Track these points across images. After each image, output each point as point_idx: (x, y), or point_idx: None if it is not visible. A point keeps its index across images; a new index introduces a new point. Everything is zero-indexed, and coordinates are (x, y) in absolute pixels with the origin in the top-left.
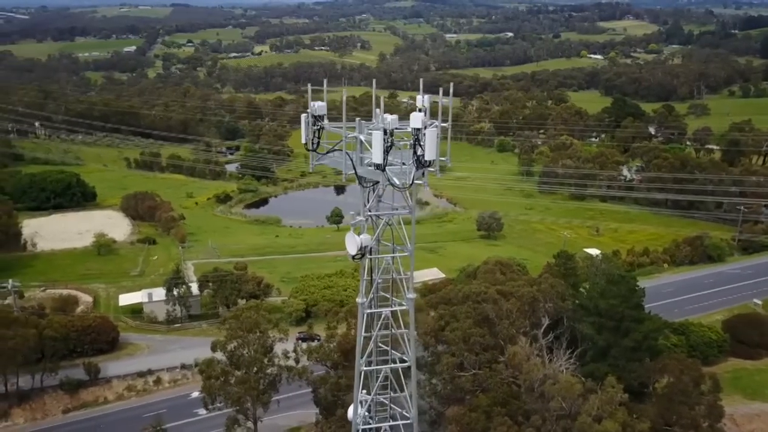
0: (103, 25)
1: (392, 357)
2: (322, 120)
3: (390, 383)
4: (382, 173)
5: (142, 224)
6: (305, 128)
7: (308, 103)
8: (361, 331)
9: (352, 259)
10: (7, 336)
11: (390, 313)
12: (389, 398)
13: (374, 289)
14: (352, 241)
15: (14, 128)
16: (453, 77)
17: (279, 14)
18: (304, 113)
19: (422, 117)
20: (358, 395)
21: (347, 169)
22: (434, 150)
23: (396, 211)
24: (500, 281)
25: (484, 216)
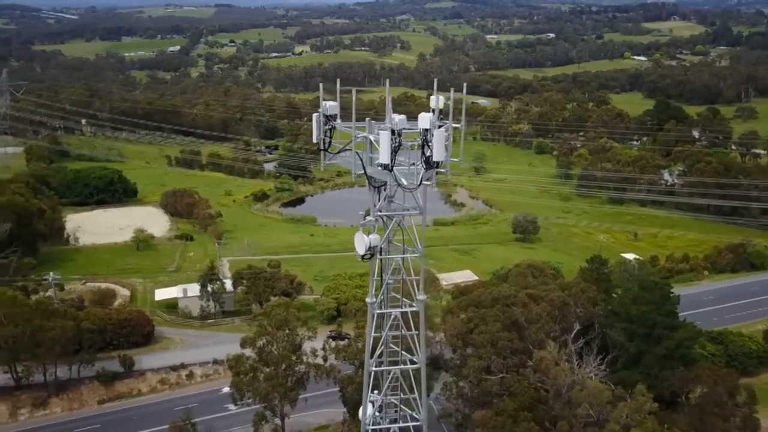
0: (149, 25)
1: (403, 358)
2: (334, 120)
3: (400, 385)
4: (390, 173)
5: (180, 221)
6: (316, 128)
7: (321, 102)
8: (371, 332)
9: (361, 259)
10: (46, 327)
11: (400, 314)
12: (399, 399)
13: (384, 289)
14: (361, 241)
15: (62, 125)
16: (492, 78)
17: (320, 15)
18: (316, 113)
19: (431, 117)
20: (367, 395)
21: (357, 169)
22: (443, 151)
23: (406, 212)
24: (531, 285)
25: (519, 218)
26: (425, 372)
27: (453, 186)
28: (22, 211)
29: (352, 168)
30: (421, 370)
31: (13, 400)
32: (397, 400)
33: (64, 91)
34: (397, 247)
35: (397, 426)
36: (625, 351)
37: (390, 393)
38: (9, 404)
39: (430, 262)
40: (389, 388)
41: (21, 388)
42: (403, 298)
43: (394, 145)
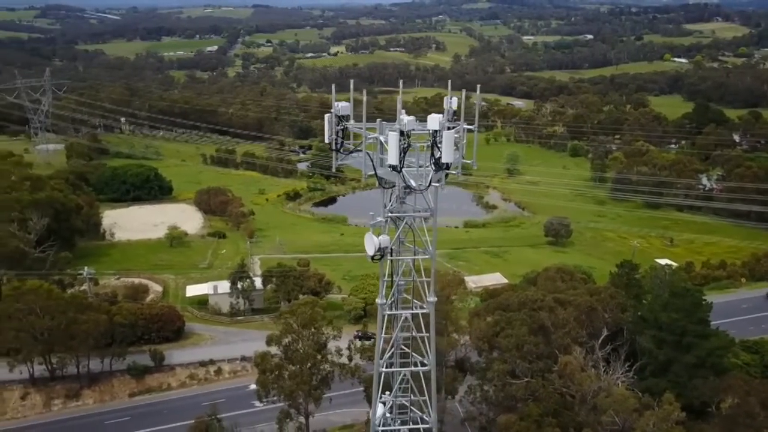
0: (188, 26)
1: (414, 360)
2: (346, 120)
3: (411, 386)
4: (398, 175)
5: (213, 218)
6: (328, 128)
7: (333, 103)
8: (381, 332)
9: (371, 259)
10: (80, 320)
11: (411, 315)
12: (410, 401)
13: (395, 290)
14: (370, 242)
15: (102, 124)
16: (528, 80)
17: (356, 15)
18: (328, 113)
19: (440, 119)
20: (377, 396)
21: (367, 170)
22: (452, 152)
23: (417, 213)
24: (560, 289)
25: (552, 222)
26: (435, 374)
27: (485, 188)
28: (60, 207)
29: (363, 169)
30: (432, 372)
31: (47, 390)
32: (407, 401)
33: (104, 90)
34: (409, 249)
35: (407, 428)
36: (653, 358)
37: (401, 394)
38: (43, 394)
39: (459, 263)
40: (400, 390)
41: (55, 379)
42: (414, 300)
43: (403, 146)
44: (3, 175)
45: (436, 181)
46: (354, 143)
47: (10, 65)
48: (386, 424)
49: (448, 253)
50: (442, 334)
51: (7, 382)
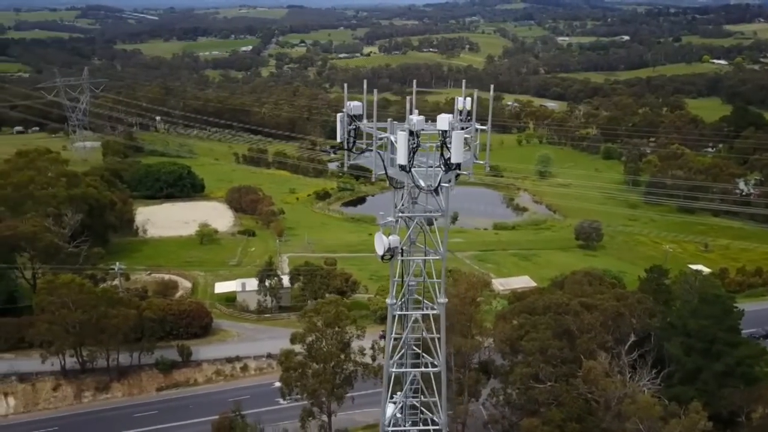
0: (224, 26)
1: (424, 361)
2: (359, 120)
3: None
4: (407, 174)
5: (244, 216)
6: (340, 127)
7: (345, 102)
8: (391, 333)
9: (381, 259)
10: (110, 314)
11: (421, 316)
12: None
13: (405, 291)
14: (380, 242)
15: (137, 122)
16: (562, 81)
17: (389, 16)
18: (340, 112)
19: (450, 118)
20: (386, 396)
21: (378, 169)
22: (461, 152)
23: (428, 214)
24: (587, 293)
25: (583, 225)
26: (445, 376)
27: (516, 190)
28: (94, 203)
29: (373, 168)
30: (442, 373)
31: (77, 383)
32: (417, 402)
33: (141, 89)
34: (422, 249)
35: (417, 429)
36: (681, 366)
37: (411, 395)
38: (74, 387)
39: (487, 266)
40: (410, 390)
41: (86, 372)
42: (425, 301)
43: (412, 146)
44: (40, 172)
45: (447, 182)
46: (367, 143)
47: (51, 64)
48: (397, 424)
49: (476, 255)
50: (465, 336)
51: (39, 373)
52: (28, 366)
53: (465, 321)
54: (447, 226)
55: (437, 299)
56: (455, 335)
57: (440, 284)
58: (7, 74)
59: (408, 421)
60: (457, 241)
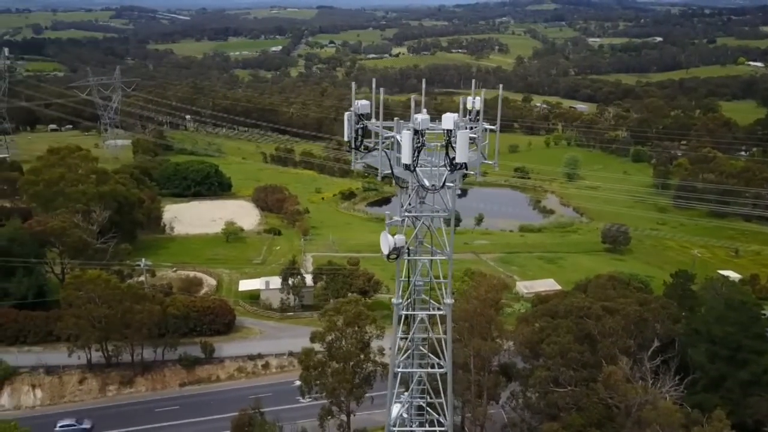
0: (254, 26)
1: (431, 362)
2: (366, 119)
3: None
4: (411, 174)
5: (269, 215)
6: (348, 126)
7: (353, 101)
8: (397, 332)
9: (387, 258)
10: (135, 310)
11: (427, 316)
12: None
13: (411, 291)
14: (385, 241)
15: (168, 121)
16: (592, 82)
17: (419, 16)
18: (348, 111)
19: (454, 118)
20: (392, 396)
21: (384, 168)
22: (466, 152)
23: (434, 214)
24: (611, 297)
25: (610, 228)
26: (452, 377)
27: (543, 192)
28: (123, 200)
29: (379, 167)
30: (448, 374)
31: (103, 376)
32: (424, 403)
33: (171, 88)
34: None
35: (423, 430)
36: (705, 373)
37: (417, 395)
38: (99, 380)
39: (512, 268)
40: (417, 391)
41: (110, 366)
42: (432, 301)
43: (417, 145)
44: (71, 169)
45: (452, 182)
46: (375, 141)
47: (85, 64)
48: (403, 424)
49: (501, 257)
50: (485, 339)
51: (66, 366)
52: (55, 359)
53: (485, 323)
54: (453, 227)
55: (443, 300)
56: (475, 337)
57: (447, 285)
58: (43, 73)
59: (415, 421)
60: (482, 243)
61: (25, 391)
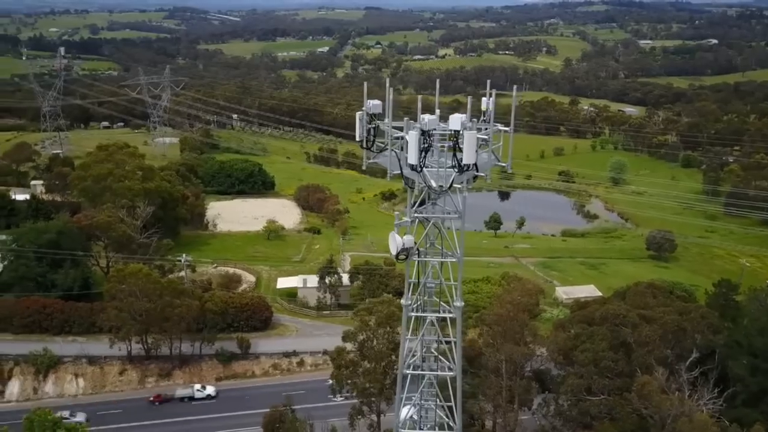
0: (302, 27)
1: (440, 365)
2: (378, 119)
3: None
4: (418, 174)
5: (310, 214)
6: (360, 126)
7: (365, 101)
8: (405, 333)
9: (396, 259)
10: (174, 304)
11: (435, 318)
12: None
13: (420, 292)
14: (394, 242)
15: (215, 119)
16: (642, 85)
17: (466, 18)
18: (360, 111)
19: (462, 119)
20: (401, 398)
21: (393, 168)
22: (473, 153)
23: (444, 215)
24: (650, 305)
25: (655, 235)
26: (461, 381)
27: (588, 196)
28: (167, 196)
29: (389, 167)
30: (457, 378)
31: (142, 368)
32: (433, 405)
33: (219, 88)
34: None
35: None
36: (745, 387)
37: (426, 398)
38: (139, 372)
39: (552, 273)
40: (426, 393)
41: (150, 358)
42: (443, 303)
43: (424, 145)
44: (118, 165)
45: (462, 183)
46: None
47: (138, 63)
48: (413, 427)
49: (542, 261)
50: (518, 344)
51: (108, 357)
52: (97, 350)
53: (518, 328)
54: (463, 229)
55: (453, 303)
56: (507, 342)
57: (457, 287)
58: (98, 72)
59: (426, 424)
60: (523, 247)
61: (69, 379)
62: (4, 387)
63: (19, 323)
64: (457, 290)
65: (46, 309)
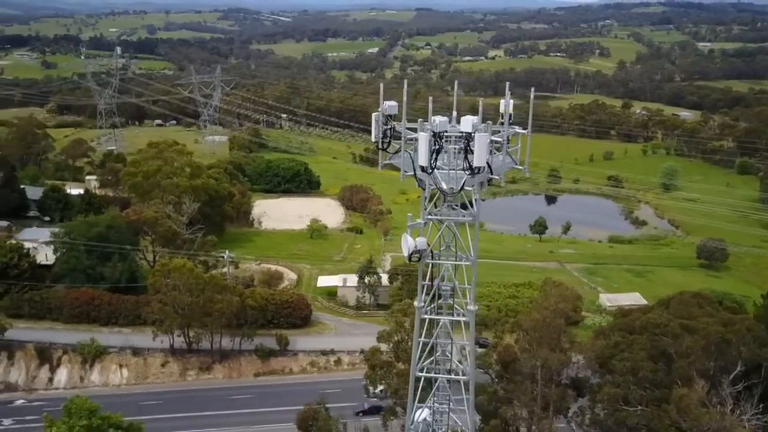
0: (353, 28)
1: (453, 368)
2: (394, 120)
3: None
4: (429, 176)
5: (354, 214)
6: (375, 127)
7: (381, 102)
8: (417, 336)
9: (408, 260)
10: (216, 300)
11: (449, 322)
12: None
13: (434, 294)
14: (406, 243)
15: (264, 119)
16: (699, 89)
17: (518, 19)
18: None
19: (474, 121)
20: (413, 401)
21: (407, 169)
22: (484, 156)
23: (458, 218)
24: (694, 315)
25: (706, 243)
26: (473, 385)
27: (637, 202)
28: (213, 194)
29: (402, 168)
30: (470, 382)
31: (183, 361)
32: (447, 409)
33: (269, 88)
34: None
35: None
36: None
37: (439, 401)
38: (180, 365)
39: (596, 279)
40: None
41: (191, 352)
42: (457, 306)
43: (435, 147)
44: (167, 162)
45: (475, 186)
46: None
47: (192, 62)
48: (425, 430)
49: (586, 267)
50: (554, 350)
51: (151, 349)
52: (141, 341)
53: (554, 334)
54: (477, 232)
55: (467, 306)
56: (542, 348)
57: (471, 291)
58: (153, 71)
59: (440, 428)
60: (568, 252)
61: (113, 369)
62: (53, 374)
63: (69, 313)
64: (471, 294)
65: (95, 300)
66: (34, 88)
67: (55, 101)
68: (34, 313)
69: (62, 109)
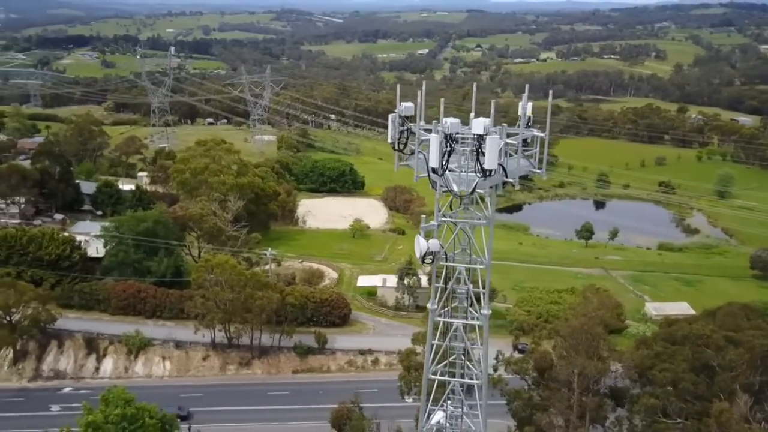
0: (404, 29)
1: (467, 372)
2: (411, 121)
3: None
4: (440, 178)
5: (396, 215)
6: (392, 128)
7: (398, 103)
8: (431, 338)
9: (421, 262)
10: (256, 296)
11: (463, 326)
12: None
13: (447, 297)
14: (418, 245)
15: (312, 119)
16: (760, 93)
17: (571, 21)
18: (393, 113)
19: (485, 122)
20: (426, 404)
21: (421, 170)
22: (495, 159)
23: (472, 221)
24: (741, 328)
25: (761, 253)
26: (486, 389)
27: (689, 209)
28: (259, 192)
29: (415, 169)
30: (483, 387)
31: (224, 355)
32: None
33: (318, 88)
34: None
35: None
36: None
37: (453, 404)
38: (221, 359)
39: (643, 287)
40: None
41: (231, 347)
42: (471, 309)
43: (446, 149)
44: (215, 160)
45: (486, 188)
46: None
47: (245, 62)
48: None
49: (633, 275)
50: (591, 358)
51: (192, 342)
52: (184, 335)
53: (592, 342)
54: (491, 235)
55: (481, 310)
56: (580, 356)
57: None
58: (206, 71)
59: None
60: (614, 259)
61: (157, 361)
62: (99, 364)
63: (116, 305)
64: (485, 297)
65: (141, 293)
66: (93, 87)
67: (113, 99)
68: (83, 303)
69: (119, 107)
